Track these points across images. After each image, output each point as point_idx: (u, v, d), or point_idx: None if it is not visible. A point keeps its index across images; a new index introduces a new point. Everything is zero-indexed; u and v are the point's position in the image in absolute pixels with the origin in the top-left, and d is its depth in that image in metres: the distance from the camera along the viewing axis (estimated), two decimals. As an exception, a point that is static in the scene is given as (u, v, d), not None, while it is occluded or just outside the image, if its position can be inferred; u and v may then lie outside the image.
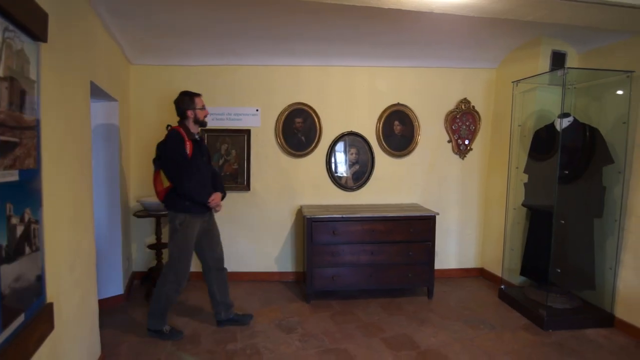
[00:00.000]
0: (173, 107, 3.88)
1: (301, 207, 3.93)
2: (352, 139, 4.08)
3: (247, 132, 3.96)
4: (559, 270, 3.17)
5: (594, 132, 3.17)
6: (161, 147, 2.78)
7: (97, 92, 2.75)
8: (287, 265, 4.11)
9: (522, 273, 3.59)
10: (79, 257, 2.12)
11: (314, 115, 3.99)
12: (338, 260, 3.47)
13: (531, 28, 3.23)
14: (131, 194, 3.89)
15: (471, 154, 4.25)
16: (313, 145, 4.02)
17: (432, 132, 4.19)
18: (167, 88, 3.87)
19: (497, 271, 3.97)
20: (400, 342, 2.83)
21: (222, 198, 2.90)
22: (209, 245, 2.96)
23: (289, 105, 3.97)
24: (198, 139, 2.86)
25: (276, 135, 3.98)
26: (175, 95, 2.80)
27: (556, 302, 3.19)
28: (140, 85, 3.89)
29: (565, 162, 3.15)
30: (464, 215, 4.29)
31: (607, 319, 3.12)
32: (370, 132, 4.11)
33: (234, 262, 4.06)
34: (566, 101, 3.47)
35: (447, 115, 4.19)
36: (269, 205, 4.04)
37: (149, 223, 3.96)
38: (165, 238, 3.89)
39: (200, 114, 2.83)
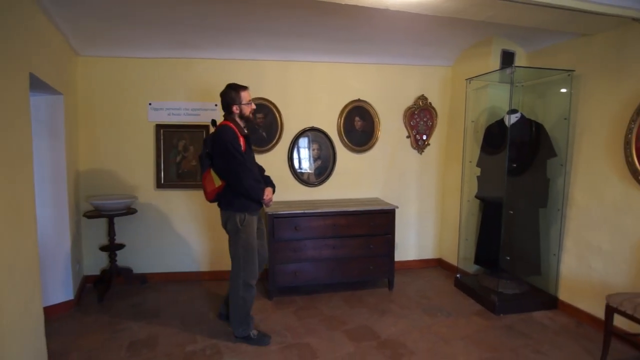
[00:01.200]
0: (126, 101, 3.71)
1: (263, 203, 3.89)
2: (314, 134, 4.08)
3: (206, 127, 3.85)
4: (508, 258, 3.37)
5: (539, 127, 3.37)
6: (213, 144, 2.58)
7: (38, 85, 2.56)
8: (250, 263, 4.06)
9: (476, 262, 3.77)
10: (19, 260, 1.97)
11: (275, 110, 3.95)
12: (300, 256, 3.48)
13: (483, 28, 3.37)
14: (82, 194, 3.67)
15: (429, 148, 4.39)
16: (275, 141, 3.98)
17: (391, 128, 4.28)
18: (118, 81, 3.70)
19: (453, 261, 4.14)
20: (362, 333, 2.89)
21: (273, 193, 2.80)
22: (258, 243, 2.83)
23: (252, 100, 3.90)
24: (247, 134, 2.74)
25: (236, 131, 3.90)
26: (127, 89, 2.68)
27: (506, 288, 3.39)
28: (89, 78, 3.66)
29: (513, 156, 3.33)
30: (422, 208, 4.43)
31: (551, 302, 3.35)
32: (331, 127, 4.13)
33: (195, 261, 3.97)
34: (514, 98, 3.67)
35: (406, 111, 4.29)
36: (230, 203, 3.96)
37: (102, 224, 3.76)
38: (120, 239, 3.73)
39: (246, 109, 2.70)
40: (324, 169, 4.12)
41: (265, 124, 3.94)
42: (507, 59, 3.70)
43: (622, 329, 2.68)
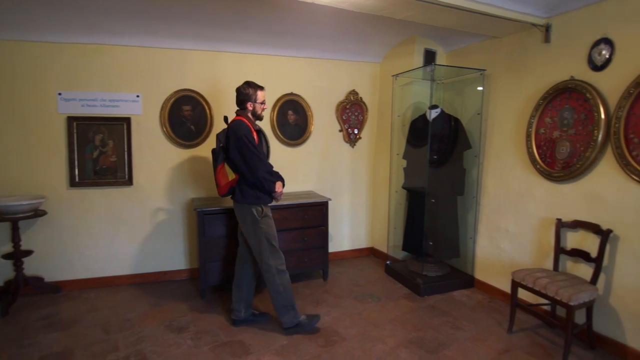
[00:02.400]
0: (31, 90, 3.39)
1: (193, 200, 3.73)
2: (245, 128, 3.99)
3: (127, 120, 3.57)
4: (431, 243, 3.62)
5: (457, 122, 3.64)
6: (228, 138, 2.63)
7: None
8: (180, 263, 3.88)
9: (404, 248, 4.00)
10: None
11: (204, 103, 3.79)
12: (233, 253, 3.39)
13: (407, 27, 3.54)
14: (-25, 195, 3.21)
15: (360, 142, 4.54)
16: (204, 134, 3.82)
17: (324, 122, 4.34)
18: (21, 68, 3.27)
19: (384, 249, 4.35)
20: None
21: (282, 187, 2.82)
22: None
23: (176, 92, 3.70)
24: (260, 129, 2.81)
25: (162, 124, 3.68)
26: (31, 77, 2.38)
27: (430, 271, 3.64)
28: (-19, 62, 3.20)
29: (434, 149, 3.57)
30: (355, 199, 4.58)
31: (469, 281, 3.68)
32: (264, 121, 4.07)
33: (117, 265, 3.69)
34: (436, 94, 3.92)
35: (338, 105, 4.38)
36: (156, 201, 3.74)
37: (4, 228, 3.32)
38: (28, 244, 3.35)
39: (259, 108, 2.77)
40: (257, 163, 4.06)
41: (193, 117, 3.77)
42: (429, 57, 3.94)
43: (526, 300, 3.03)
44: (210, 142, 3.86)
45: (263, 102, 2.79)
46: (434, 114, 3.57)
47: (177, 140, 3.72)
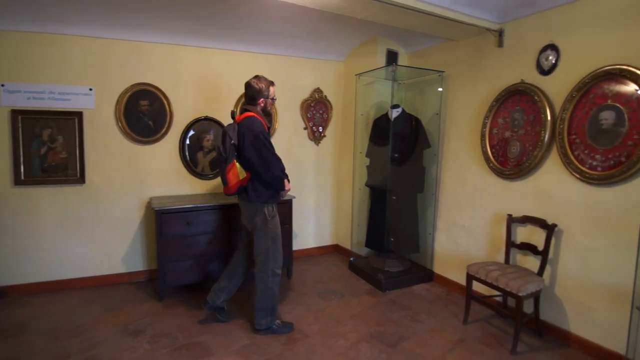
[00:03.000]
0: None
1: (151, 199, 3.60)
2: (208, 124, 3.90)
3: (78, 114, 3.38)
4: (392, 239, 3.71)
5: (417, 121, 3.75)
6: (241, 135, 2.52)
7: None
8: (138, 264, 3.73)
9: (367, 245, 4.07)
10: None
11: (163, 98, 3.66)
12: (195, 252, 3.32)
13: (370, 27, 3.59)
14: None
15: (325, 140, 4.56)
16: (163, 131, 3.69)
17: (289, 119, 4.32)
18: (-47, 56, 3.02)
19: (348, 246, 4.41)
20: (258, 324, 2.89)
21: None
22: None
23: (132, 86, 3.54)
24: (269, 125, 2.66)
25: (117, 120, 3.52)
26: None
27: (392, 267, 3.73)
28: None
29: (396, 147, 3.66)
30: (319, 197, 4.60)
31: (428, 275, 3.80)
32: (226, 117, 3.99)
33: (68, 268, 3.49)
34: (397, 94, 4.02)
35: (303, 103, 4.38)
36: (111, 200, 3.57)
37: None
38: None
39: (269, 105, 2.73)
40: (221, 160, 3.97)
41: (151, 112, 3.62)
42: (391, 57, 4.02)
43: (480, 292, 3.18)
44: (170, 139, 3.73)
45: (274, 99, 2.75)
46: (395, 113, 3.65)
47: (133, 137, 3.57)
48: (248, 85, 2.66)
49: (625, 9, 2.35)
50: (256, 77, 2.67)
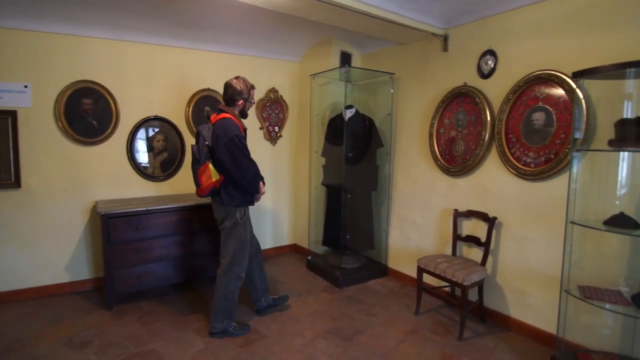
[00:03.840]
0: None
1: (97, 203, 3.40)
2: (158, 124, 3.76)
3: (12, 114, 3.12)
4: (348, 237, 3.80)
5: (371, 121, 3.86)
6: (216, 137, 2.46)
7: None
8: (83, 273, 3.52)
9: (324, 243, 4.13)
10: None
11: (108, 96, 3.48)
12: (145, 257, 3.19)
13: (325, 29, 3.64)
14: None
15: (281, 140, 4.56)
16: (109, 131, 3.51)
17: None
18: None
19: (306, 245, 4.45)
20: (214, 328, 2.84)
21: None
22: (250, 233, 2.81)
23: (74, 83, 3.33)
24: (245, 127, 2.68)
25: (57, 119, 3.28)
26: None
27: (348, 264, 3.82)
28: None
29: (350, 147, 3.74)
30: (277, 197, 4.59)
31: (383, 270, 3.93)
32: (179, 117, 3.88)
33: (2, 280, 3.21)
34: (352, 95, 4.12)
35: (258, 103, 4.35)
36: (52, 205, 3.33)
37: None
38: None
39: (248, 108, 2.70)
40: (171, 161, 3.85)
41: (95, 111, 3.43)
42: (345, 59, 4.10)
43: (430, 284, 3.34)
44: (117, 140, 3.55)
45: (253, 102, 2.74)
46: (349, 113, 3.73)
47: (76, 137, 3.36)
48: (228, 85, 2.61)
49: (554, 20, 2.58)
50: (237, 77, 2.64)
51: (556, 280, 2.49)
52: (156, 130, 3.74)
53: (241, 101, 2.63)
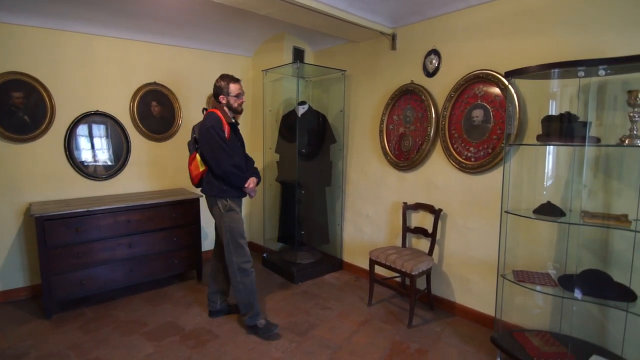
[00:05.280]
0: None
1: (31, 205, 3.15)
2: (100, 120, 3.54)
3: None
4: (303, 232, 3.82)
5: (324, 118, 3.90)
6: (199, 129, 2.64)
7: None
8: (17, 281, 3.25)
9: (280, 239, 4.13)
10: None
11: (41, 89, 3.22)
12: (87, 261, 3.01)
13: (277, 24, 3.60)
14: None
15: (234, 136, 4.47)
16: (43, 127, 3.25)
17: (195, 115, 4.14)
18: None
19: (261, 242, 4.41)
20: (164, 331, 2.75)
21: (257, 184, 2.79)
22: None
23: (1, 75, 3.05)
24: (235, 122, 2.75)
25: (-19, 114, 3.00)
26: None
27: (304, 259, 3.85)
28: None
29: (304, 143, 3.76)
30: (231, 195, 4.50)
31: (338, 264, 4.00)
32: (123, 112, 3.68)
33: None
34: (305, 91, 4.13)
35: (209, 98, 4.23)
36: (-22, 207, 3.05)
37: None
38: None
39: (233, 102, 2.71)
40: (116, 159, 3.65)
41: (27, 105, 3.16)
42: (298, 55, 4.10)
43: (383, 275, 3.46)
44: (52, 137, 3.31)
45: (238, 95, 2.72)
46: (302, 109, 3.74)
47: (5, 134, 3.09)
48: (213, 84, 2.74)
49: (490, 22, 2.74)
50: (220, 75, 2.73)
51: (494, 267, 2.67)
52: (98, 126, 3.53)
53: (222, 96, 2.72)
